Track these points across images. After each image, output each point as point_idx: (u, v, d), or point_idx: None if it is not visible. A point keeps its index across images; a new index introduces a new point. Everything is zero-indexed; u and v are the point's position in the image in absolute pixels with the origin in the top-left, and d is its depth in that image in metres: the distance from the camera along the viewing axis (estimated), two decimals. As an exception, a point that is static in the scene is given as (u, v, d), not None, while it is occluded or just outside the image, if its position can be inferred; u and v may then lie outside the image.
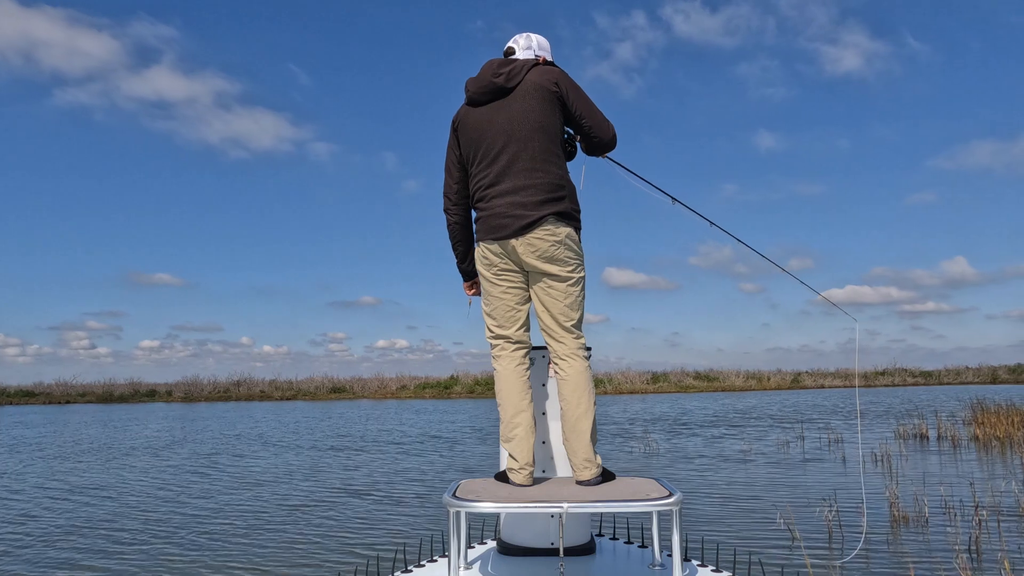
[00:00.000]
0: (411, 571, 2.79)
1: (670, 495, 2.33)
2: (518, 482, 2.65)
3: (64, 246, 56.91)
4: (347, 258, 62.28)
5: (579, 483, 2.64)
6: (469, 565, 2.70)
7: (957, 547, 5.92)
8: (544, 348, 2.94)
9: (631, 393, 42.98)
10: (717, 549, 4.15)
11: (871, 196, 57.22)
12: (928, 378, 49.92)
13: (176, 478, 11.39)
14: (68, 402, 44.61)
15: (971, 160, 53.93)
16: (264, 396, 45.08)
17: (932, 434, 14.60)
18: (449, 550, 2.38)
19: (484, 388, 44.56)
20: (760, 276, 60.03)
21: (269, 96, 58.25)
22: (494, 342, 2.87)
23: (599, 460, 2.70)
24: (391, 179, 59.95)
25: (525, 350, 2.84)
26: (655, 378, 47.63)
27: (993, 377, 49.00)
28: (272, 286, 61.92)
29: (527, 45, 2.94)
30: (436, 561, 2.94)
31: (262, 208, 60.16)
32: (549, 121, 2.73)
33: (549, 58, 2.98)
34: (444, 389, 45.27)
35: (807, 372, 50.85)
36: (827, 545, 6.15)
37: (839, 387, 47.73)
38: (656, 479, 2.67)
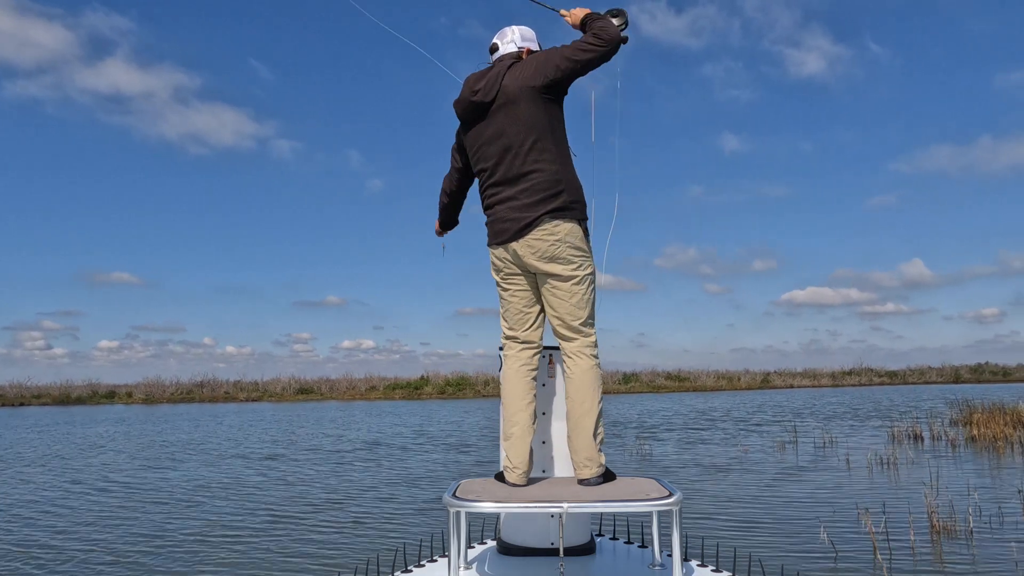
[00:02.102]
0: (411, 571, 2.78)
1: (670, 495, 2.32)
2: (512, 481, 2.68)
3: (17, 243, 54.82)
4: (311, 257, 61.24)
5: (580, 482, 2.65)
6: (469, 565, 2.69)
7: (1018, 561, 5.58)
8: (555, 348, 2.94)
9: (604, 393, 42.66)
10: (717, 549, 4.06)
11: (833, 199, 58.12)
12: (894, 378, 50.71)
13: (69, 497, 10.09)
14: (23, 404, 42.73)
15: (929, 164, 55.02)
16: (229, 397, 43.85)
17: (926, 435, 14.44)
18: (449, 550, 2.38)
19: (455, 389, 44.04)
20: (725, 277, 60.52)
21: (229, 91, 56.90)
22: (504, 342, 2.90)
23: (602, 460, 2.70)
24: (355, 177, 59.06)
25: (533, 351, 2.84)
26: (626, 378, 47.54)
27: (956, 377, 49.99)
28: (235, 286, 60.59)
29: (510, 39, 2.89)
30: (436, 561, 2.93)
31: (224, 206, 58.78)
32: (536, 117, 2.70)
33: (535, 47, 2.89)
34: (414, 390, 44.55)
35: (776, 372, 51.27)
36: (872, 560, 5.76)
37: (807, 387, 48.19)
38: (656, 479, 2.68)
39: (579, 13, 2.83)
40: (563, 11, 2.92)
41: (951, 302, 61.36)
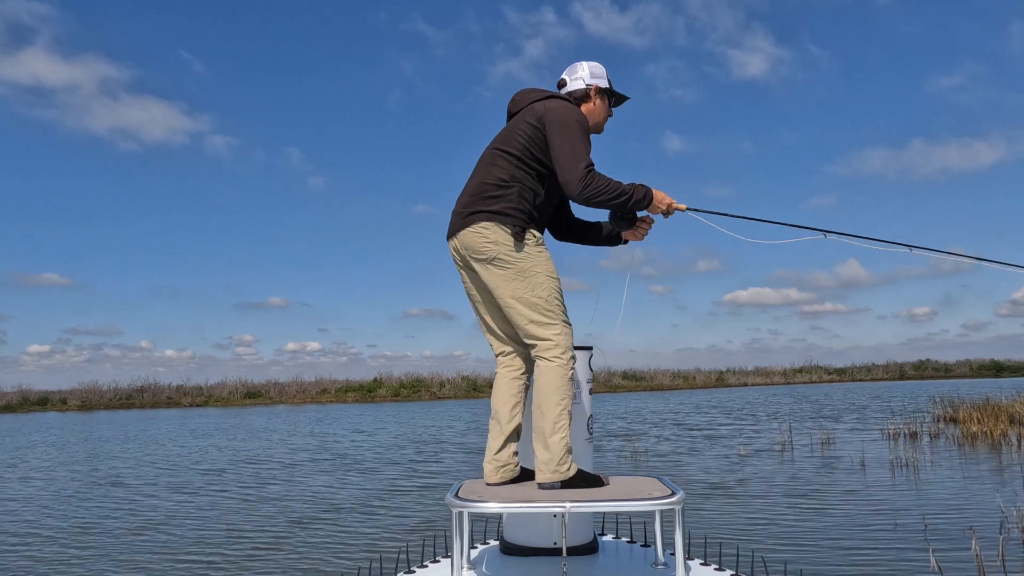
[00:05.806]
0: (414, 571, 2.79)
1: (672, 494, 2.33)
2: (487, 481, 2.68)
3: (-66, 242, 51.31)
4: (252, 257, 59.25)
5: (540, 486, 2.57)
6: (472, 565, 2.68)
7: None
8: None
9: (562, 394, 42.26)
10: (720, 548, 4.01)
11: (774, 199, 59.19)
12: (842, 375, 51.85)
13: None
14: (-57, 414, 39.92)
15: (865, 166, 56.48)
16: (172, 403, 41.86)
17: (924, 434, 14.27)
18: (452, 550, 2.39)
19: (409, 391, 43.11)
20: (669, 278, 60.92)
21: (159, 84, 54.51)
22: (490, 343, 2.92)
23: (565, 467, 2.56)
24: (296, 175, 57.36)
25: (513, 352, 2.81)
26: (583, 378, 47.21)
27: (901, 374, 51.46)
28: (172, 287, 58.10)
29: (579, 75, 2.93)
30: (439, 561, 2.94)
31: (157, 204, 56.32)
32: (518, 140, 2.71)
33: (604, 84, 2.94)
34: (368, 392, 43.41)
35: (729, 371, 51.85)
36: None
37: (761, 384, 48.84)
38: (658, 478, 2.68)
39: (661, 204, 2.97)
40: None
41: (885, 301, 63.25)
